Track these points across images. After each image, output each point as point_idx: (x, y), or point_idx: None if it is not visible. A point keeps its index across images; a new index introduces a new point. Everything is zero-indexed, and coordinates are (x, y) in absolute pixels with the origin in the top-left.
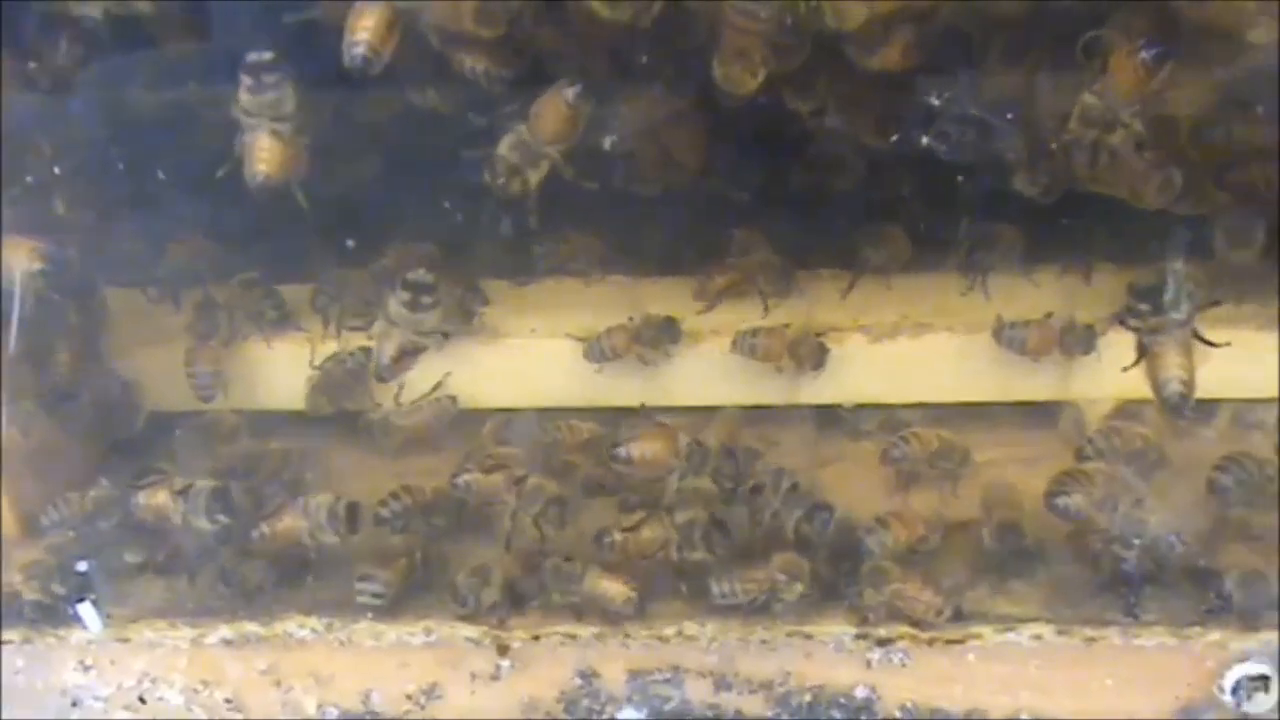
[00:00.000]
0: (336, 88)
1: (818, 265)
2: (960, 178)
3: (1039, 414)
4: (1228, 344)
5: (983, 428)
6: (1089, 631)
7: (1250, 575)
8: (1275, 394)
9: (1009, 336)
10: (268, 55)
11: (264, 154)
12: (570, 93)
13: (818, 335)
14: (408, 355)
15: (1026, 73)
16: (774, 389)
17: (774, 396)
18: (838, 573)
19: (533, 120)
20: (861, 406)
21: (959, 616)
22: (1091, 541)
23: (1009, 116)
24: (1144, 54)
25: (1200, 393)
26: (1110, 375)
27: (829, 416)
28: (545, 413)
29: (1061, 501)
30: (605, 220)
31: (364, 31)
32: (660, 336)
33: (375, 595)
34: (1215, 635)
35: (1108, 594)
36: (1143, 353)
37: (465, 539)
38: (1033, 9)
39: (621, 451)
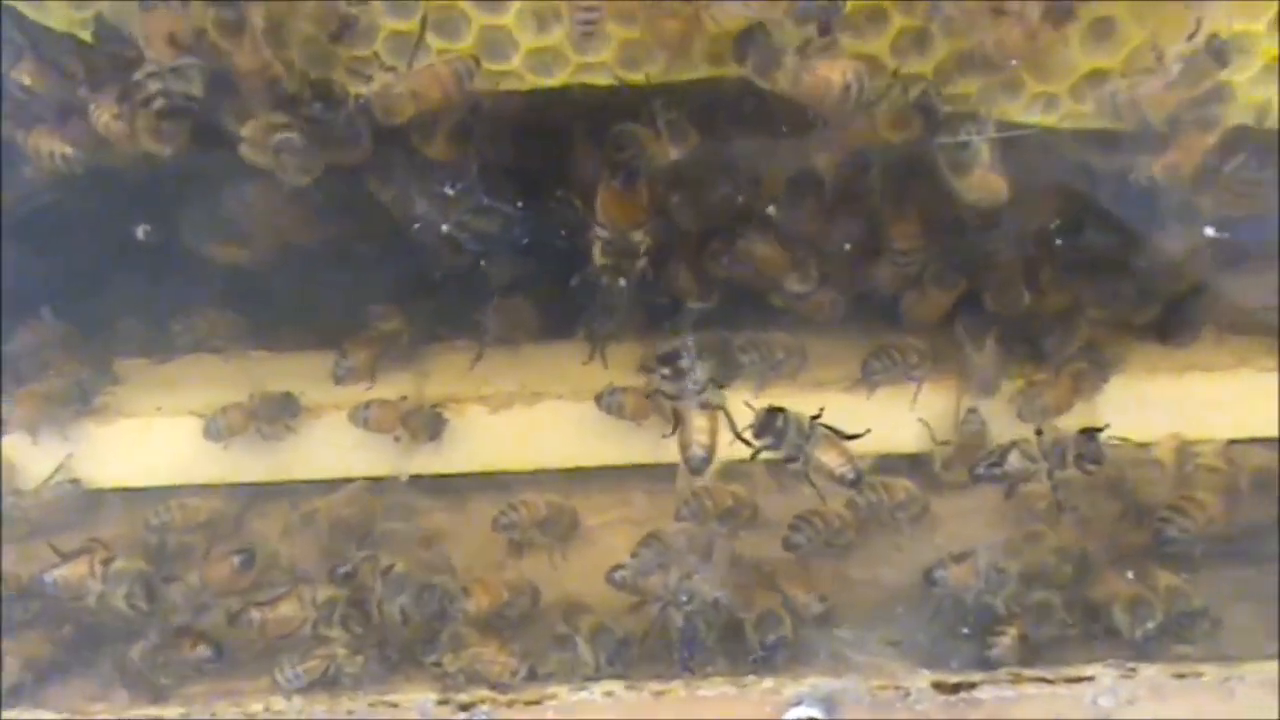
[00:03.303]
0: None
1: (450, 337)
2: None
3: (659, 475)
4: (750, 405)
5: (598, 490)
6: (656, 685)
7: (766, 616)
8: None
9: (608, 402)
10: None
11: None
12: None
13: (435, 406)
14: None
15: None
16: (393, 460)
17: (394, 467)
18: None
19: None
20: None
21: (534, 677)
22: (649, 606)
23: (519, 206)
24: (615, 183)
25: None
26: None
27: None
28: (166, 491)
29: (618, 576)
30: (243, 296)
31: None
32: (278, 412)
33: None
34: (769, 682)
35: (672, 650)
36: (675, 418)
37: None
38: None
39: None
